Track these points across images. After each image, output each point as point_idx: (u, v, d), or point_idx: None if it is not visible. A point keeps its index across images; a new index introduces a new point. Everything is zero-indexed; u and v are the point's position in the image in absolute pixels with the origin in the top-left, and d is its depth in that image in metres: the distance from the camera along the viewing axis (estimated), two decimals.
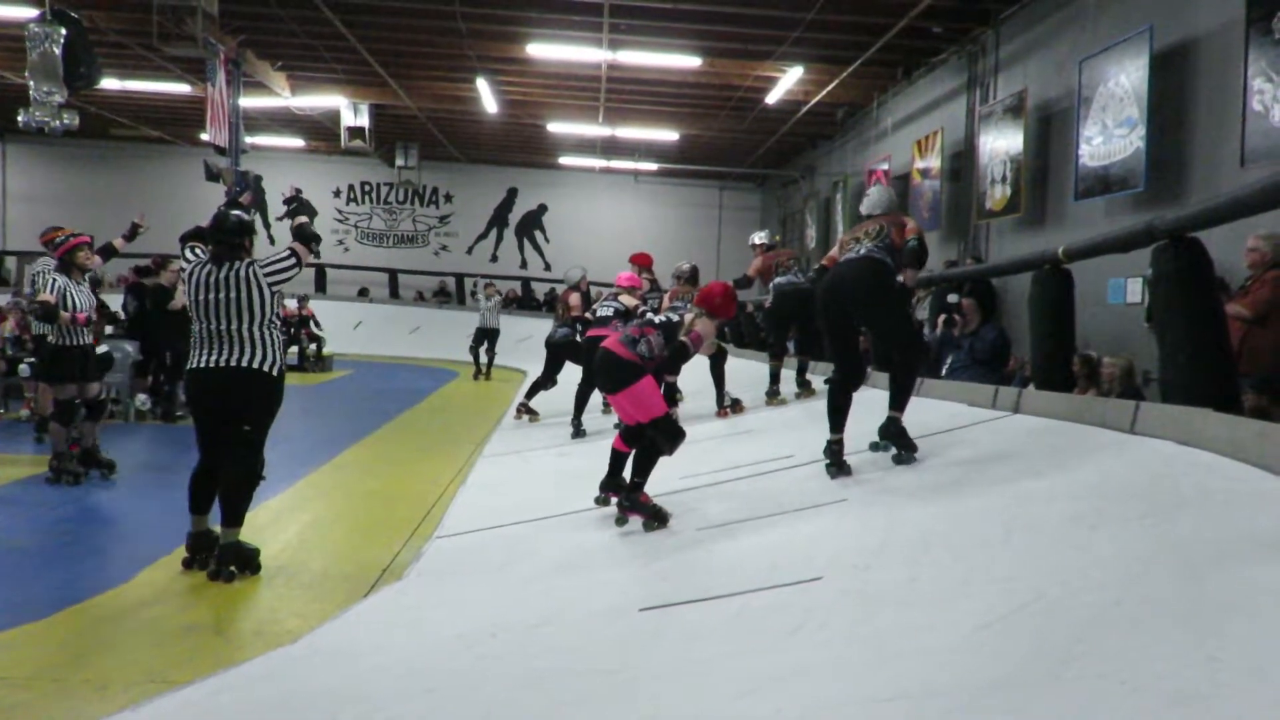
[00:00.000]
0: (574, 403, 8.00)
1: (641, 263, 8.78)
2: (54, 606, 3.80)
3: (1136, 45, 7.94)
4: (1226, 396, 3.75)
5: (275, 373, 4.47)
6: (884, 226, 4.85)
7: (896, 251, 4.75)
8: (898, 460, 4.59)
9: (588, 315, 8.30)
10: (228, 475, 4.44)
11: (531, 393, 9.17)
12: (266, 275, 4.44)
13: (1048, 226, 9.90)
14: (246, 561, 4.41)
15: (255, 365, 4.39)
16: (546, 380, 8.94)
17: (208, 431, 4.55)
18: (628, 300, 7.96)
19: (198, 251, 4.68)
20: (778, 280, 7.82)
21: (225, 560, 4.34)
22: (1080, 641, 2.15)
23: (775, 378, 7.80)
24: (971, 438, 4.76)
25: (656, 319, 4.89)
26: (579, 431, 7.87)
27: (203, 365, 4.41)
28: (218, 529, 4.47)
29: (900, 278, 4.72)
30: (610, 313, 7.83)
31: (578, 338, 8.50)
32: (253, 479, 4.49)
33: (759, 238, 8.38)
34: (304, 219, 4.93)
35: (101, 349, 7.55)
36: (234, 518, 4.42)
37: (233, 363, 4.36)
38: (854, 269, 4.70)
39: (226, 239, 4.50)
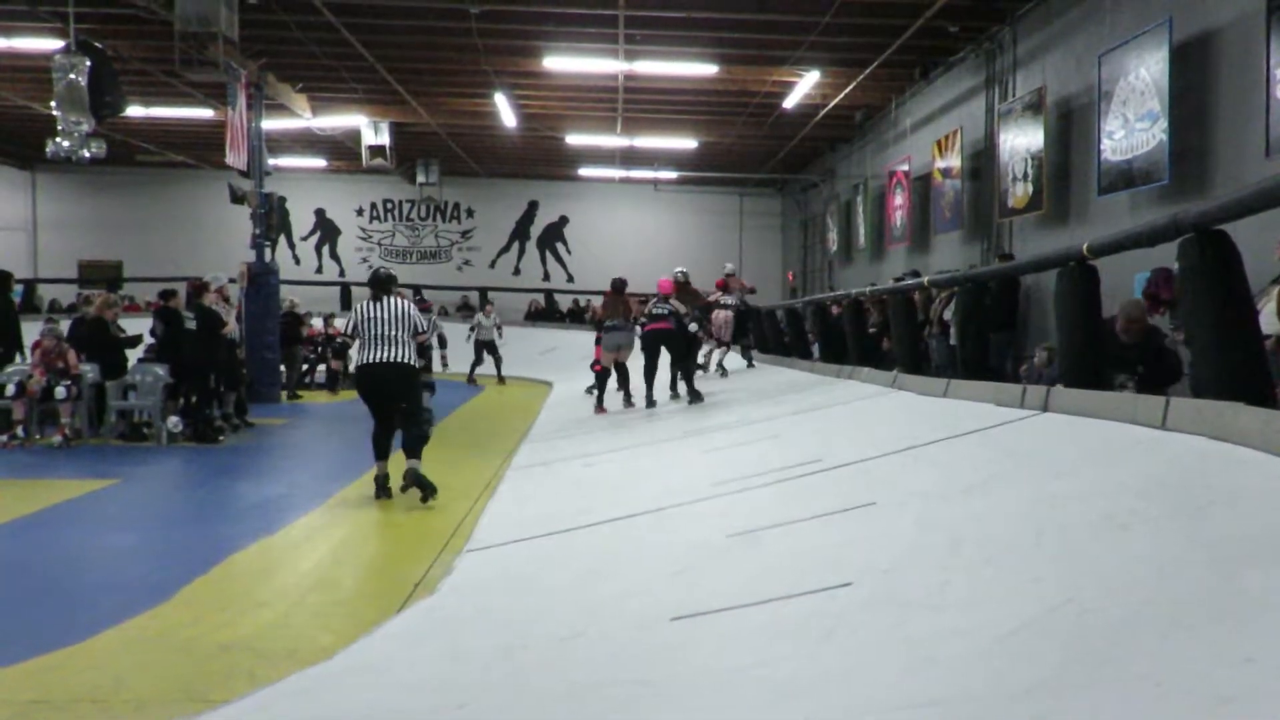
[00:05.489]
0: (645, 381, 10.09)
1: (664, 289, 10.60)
2: (92, 629, 3.85)
3: (1155, 38, 7.88)
4: (1259, 390, 3.70)
5: (416, 365, 6.71)
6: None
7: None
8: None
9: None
10: (408, 434, 6.58)
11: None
12: (415, 316, 6.68)
13: (1071, 223, 9.83)
14: (424, 486, 6.35)
15: (403, 360, 6.50)
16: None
17: (375, 404, 6.63)
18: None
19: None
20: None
21: (409, 480, 6.43)
22: (1114, 644, 2.13)
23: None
24: (1000, 437, 4.72)
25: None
26: (651, 402, 10.06)
27: (368, 361, 6.49)
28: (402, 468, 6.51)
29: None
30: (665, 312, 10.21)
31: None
32: (423, 434, 6.72)
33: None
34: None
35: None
36: (415, 454, 6.51)
37: (388, 359, 6.45)
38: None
39: (383, 284, 6.70)
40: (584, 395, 12.23)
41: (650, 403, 10.05)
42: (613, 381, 10.69)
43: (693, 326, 10.53)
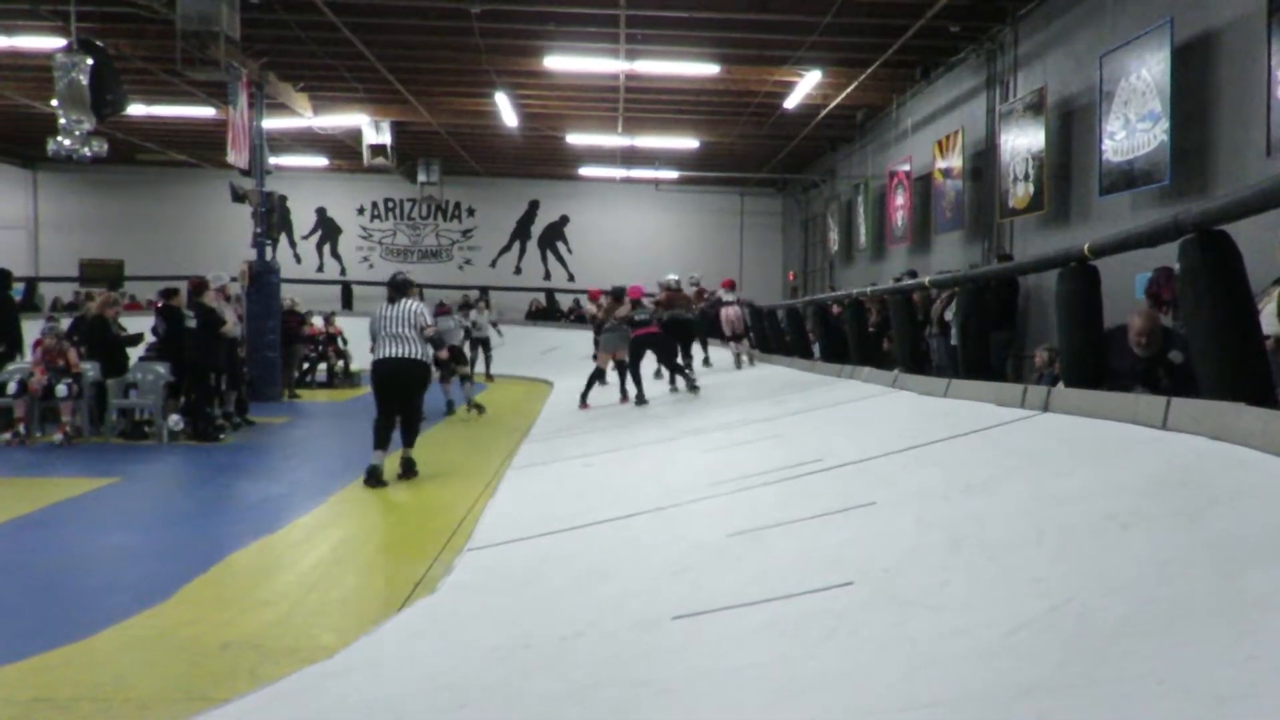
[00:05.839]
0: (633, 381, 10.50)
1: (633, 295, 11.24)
2: (93, 627, 3.86)
3: (1157, 38, 7.88)
4: (1259, 390, 3.70)
5: (426, 360, 7.39)
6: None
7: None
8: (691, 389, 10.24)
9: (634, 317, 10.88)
10: (407, 425, 7.37)
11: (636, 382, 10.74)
12: (421, 314, 7.39)
13: (1073, 223, 9.83)
14: (409, 468, 7.30)
15: (413, 356, 7.24)
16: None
17: (384, 397, 7.29)
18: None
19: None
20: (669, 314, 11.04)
21: (405, 467, 7.30)
22: (1115, 643, 2.13)
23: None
24: (1001, 437, 4.72)
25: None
26: (643, 400, 10.30)
27: (382, 356, 7.23)
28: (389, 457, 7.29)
29: None
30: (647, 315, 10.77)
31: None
32: (419, 424, 7.61)
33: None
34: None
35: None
36: (410, 442, 7.41)
37: (399, 354, 7.20)
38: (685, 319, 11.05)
39: (399, 288, 7.50)
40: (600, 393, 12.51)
41: (641, 400, 10.30)
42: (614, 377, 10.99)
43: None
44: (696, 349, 12.46)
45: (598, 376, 11.07)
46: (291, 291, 16.37)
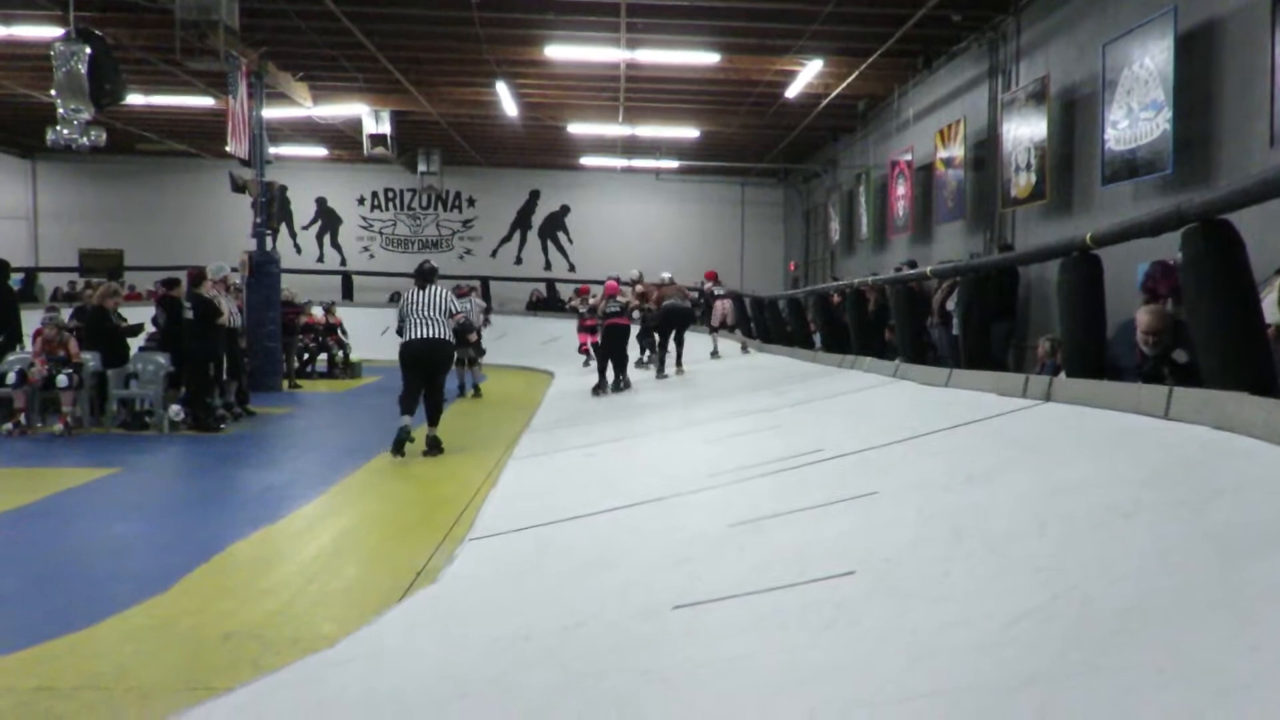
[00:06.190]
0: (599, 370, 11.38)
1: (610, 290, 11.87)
2: (95, 617, 3.86)
3: (1160, 27, 7.85)
4: (1262, 379, 3.69)
5: (452, 341, 8.24)
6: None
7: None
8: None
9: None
10: (431, 404, 8.08)
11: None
12: (450, 301, 8.22)
13: (1075, 213, 9.80)
14: (436, 447, 7.91)
15: (441, 337, 8.02)
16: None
17: (412, 373, 7.98)
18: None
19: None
20: (667, 302, 12.01)
21: (430, 444, 7.93)
22: (1117, 633, 2.13)
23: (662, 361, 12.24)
24: (1003, 427, 4.71)
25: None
26: (602, 387, 11.14)
27: (412, 337, 7.95)
28: (418, 425, 8.04)
29: None
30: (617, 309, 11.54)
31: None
32: (442, 404, 8.25)
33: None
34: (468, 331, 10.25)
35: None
36: (434, 422, 8.11)
37: (428, 335, 7.94)
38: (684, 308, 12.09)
39: (427, 275, 8.27)
40: (584, 381, 12.75)
41: (600, 389, 11.20)
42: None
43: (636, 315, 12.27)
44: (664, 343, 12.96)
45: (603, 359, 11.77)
46: (292, 282, 16.35)
